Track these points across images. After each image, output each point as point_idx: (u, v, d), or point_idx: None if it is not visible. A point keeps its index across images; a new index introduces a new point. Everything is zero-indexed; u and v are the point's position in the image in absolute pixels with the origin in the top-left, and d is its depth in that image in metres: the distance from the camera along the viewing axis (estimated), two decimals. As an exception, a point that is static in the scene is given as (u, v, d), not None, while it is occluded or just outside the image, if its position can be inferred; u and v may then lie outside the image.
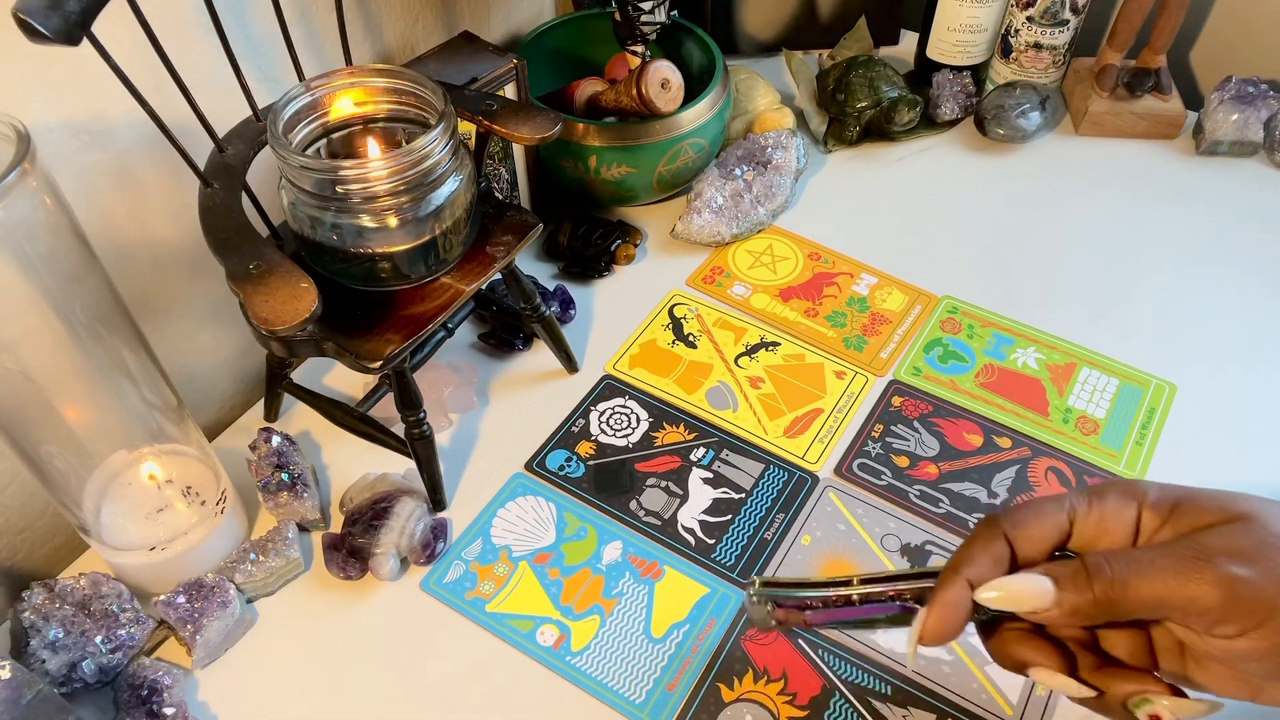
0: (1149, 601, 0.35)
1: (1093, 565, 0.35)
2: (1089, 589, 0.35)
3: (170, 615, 0.49)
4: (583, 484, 0.58)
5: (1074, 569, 0.36)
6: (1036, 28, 0.77)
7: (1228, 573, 0.33)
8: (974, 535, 0.38)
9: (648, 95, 0.66)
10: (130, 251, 0.53)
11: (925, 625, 0.37)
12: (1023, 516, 0.38)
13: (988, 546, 0.37)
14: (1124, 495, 0.38)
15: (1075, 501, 0.38)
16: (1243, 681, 0.36)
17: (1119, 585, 0.35)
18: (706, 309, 0.68)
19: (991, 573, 0.37)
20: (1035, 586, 0.36)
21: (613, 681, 0.49)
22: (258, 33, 0.54)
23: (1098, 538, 0.37)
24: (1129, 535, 0.37)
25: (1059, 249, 0.71)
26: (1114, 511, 0.37)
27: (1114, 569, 0.35)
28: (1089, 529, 0.37)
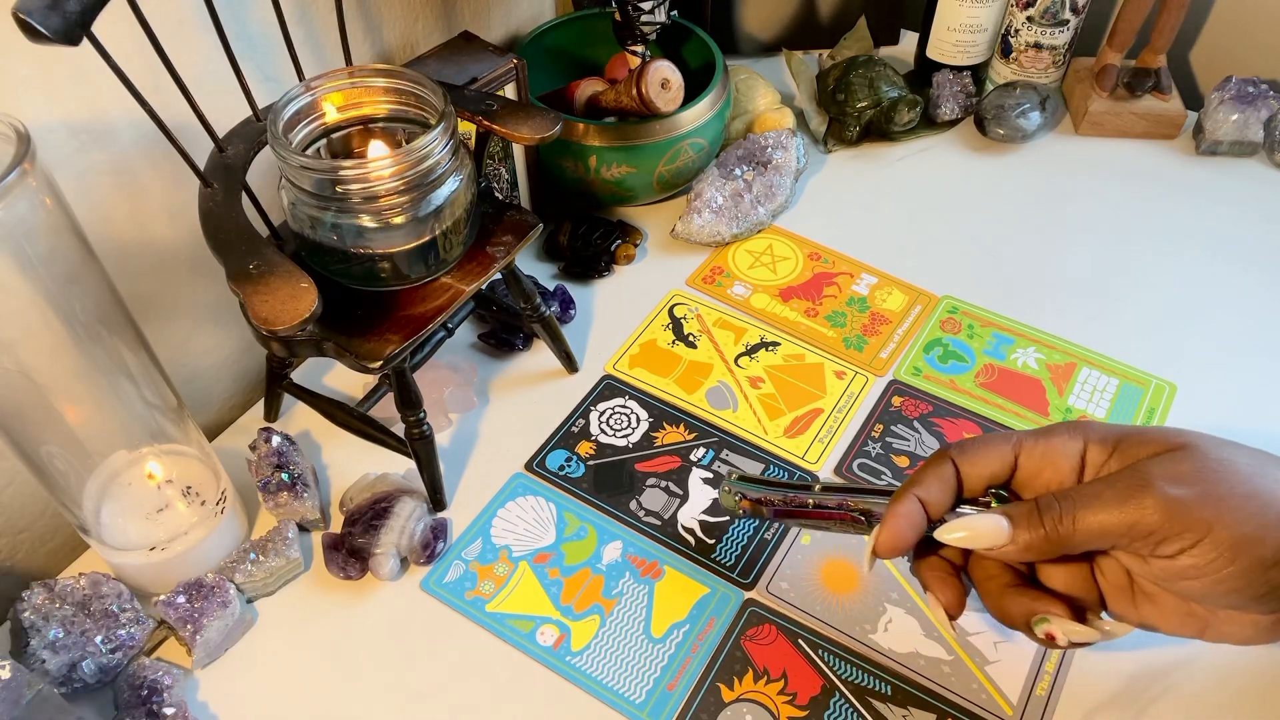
0: (1096, 531, 0.37)
1: (1044, 504, 0.38)
2: (1041, 526, 0.38)
3: (170, 615, 0.49)
4: (583, 484, 0.58)
5: (1027, 508, 0.38)
6: (1036, 28, 0.78)
7: (1168, 494, 0.35)
8: (925, 462, 0.41)
9: (648, 95, 0.66)
10: (130, 251, 0.53)
11: (879, 536, 0.40)
12: (970, 446, 0.41)
13: (937, 470, 0.41)
14: (1070, 432, 0.40)
15: (1022, 437, 0.40)
16: (1189, 615, 0.38)
17: (1068, 520, 0.37)
18: (706, 309, 0.68)
19: (939, 493, 0.40)
20: (992, 525, 0.39)
21: (613, 681, 0.49)
22: (258, 33, 0.54)
23: (1042, 469, 0.40)
24: (1074, 469, 0.40)
25: (1059, 249, 0.71)
26: (1059, 446, 0.40)
27: (1063, 505, 0.38)
28: (1034, 461, 0.40)
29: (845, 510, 0.44)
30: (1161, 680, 0.49)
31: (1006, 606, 0.40)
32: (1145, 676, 0.49)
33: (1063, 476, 0.40)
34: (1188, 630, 0.39)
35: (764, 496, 0.46)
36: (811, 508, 0.45)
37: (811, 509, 0.45)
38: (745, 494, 0.46)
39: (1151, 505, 0.36)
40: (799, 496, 0.45)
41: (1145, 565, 0.38)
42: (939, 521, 0.40)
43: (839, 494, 0.44)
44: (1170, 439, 0.38)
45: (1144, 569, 0.38)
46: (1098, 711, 0.48)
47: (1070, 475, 0.40)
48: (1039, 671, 0.49)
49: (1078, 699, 0.48)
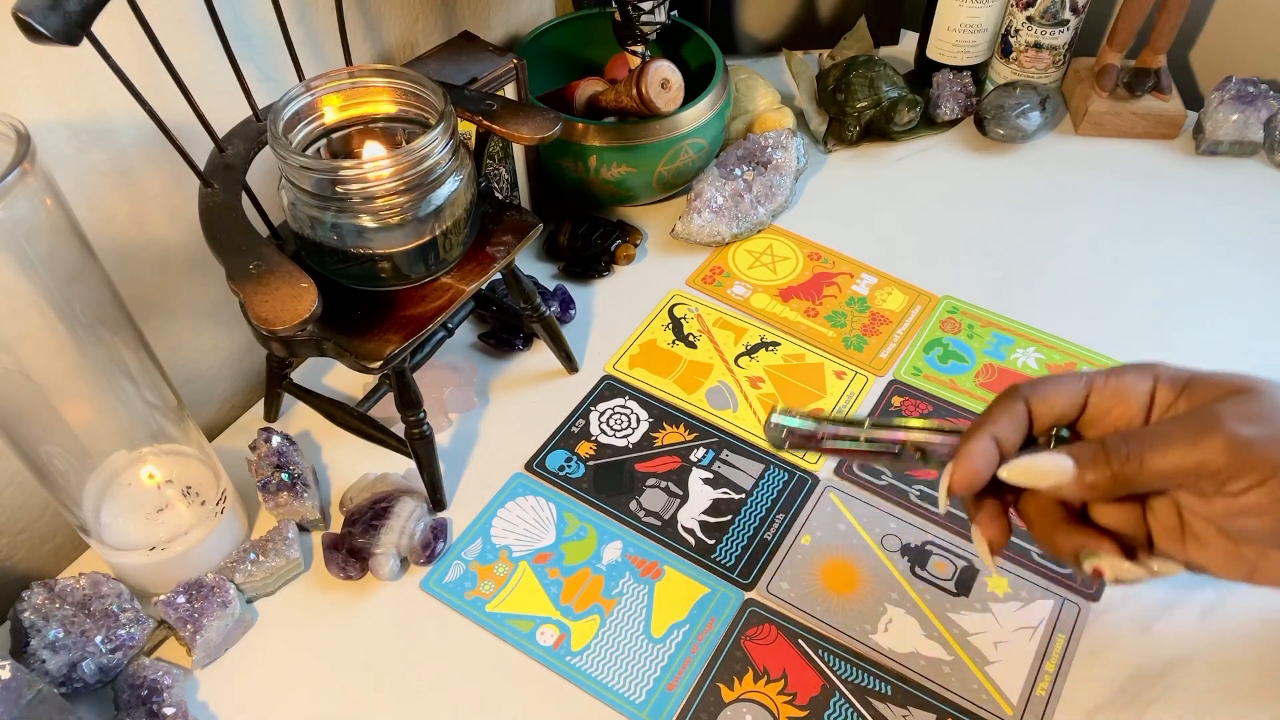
0: (1164, 472, 0.37)
1: (1111, 444, 0.38)
2: (1107, 466, 0.38)
3: (170, 615, 0.49)
4: (583, 484, 0.58)
5: (1094, 448, 0.39)
6: (1036, 28, 0.77)
7: (1236, 433, 0.36)
8: (996, 399, 0.42)
9: (648, 95, 0.66)
10: (130, 251, 0.53)
11: (954, 474, 0.40)
12: (1041, 384, 0.41)
13: (1009, 408, 0.41)
14: (1140, 372, 0.41)
15: (1093, 377, 0.41)
16: (1238, 558, 0.39)
17: (1135, 460, 0.38)
18: (706, 309, 0.68)
19: (1011, 431, 0.41)
20: (1057, 464, 0.39)
21: (613, 681, 0.49)
22: (258, 33, 0.54)
23: (1112, 408, 0.41)
24: (1143, 408, 0.40)
25: (1059, 249, 0.71)
26: (1130, 385, 0.40)
27: (1131, 446, 0.38)
28: (1104, 400, 0.41)
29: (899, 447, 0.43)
30: (1161, 680, 0.49)
31: (1057, 540, 0.41)
32: (1145, 676, 0.49)
33: (1131, 415, 0.40)
34: (1236, 573, 0.40)
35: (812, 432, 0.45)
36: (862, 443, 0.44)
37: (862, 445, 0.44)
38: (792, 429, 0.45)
39: (1220, 445, 0.36)
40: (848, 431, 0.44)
41: (1207, 504, 0.38)
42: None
43: (891, 429, 0.44)
44: (1239, 382, 0.39)
45: (1205, 508, 0.38)
46: (1098, 711, 0.48)
47: (1139, 414, 0.40)
48: (1039, 671, 0.49)
49: (1078, 699, 0.48)
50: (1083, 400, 0.41)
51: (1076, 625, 0.51)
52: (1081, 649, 0.50)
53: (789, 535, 0.55)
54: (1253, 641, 0.50)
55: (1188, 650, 0.50)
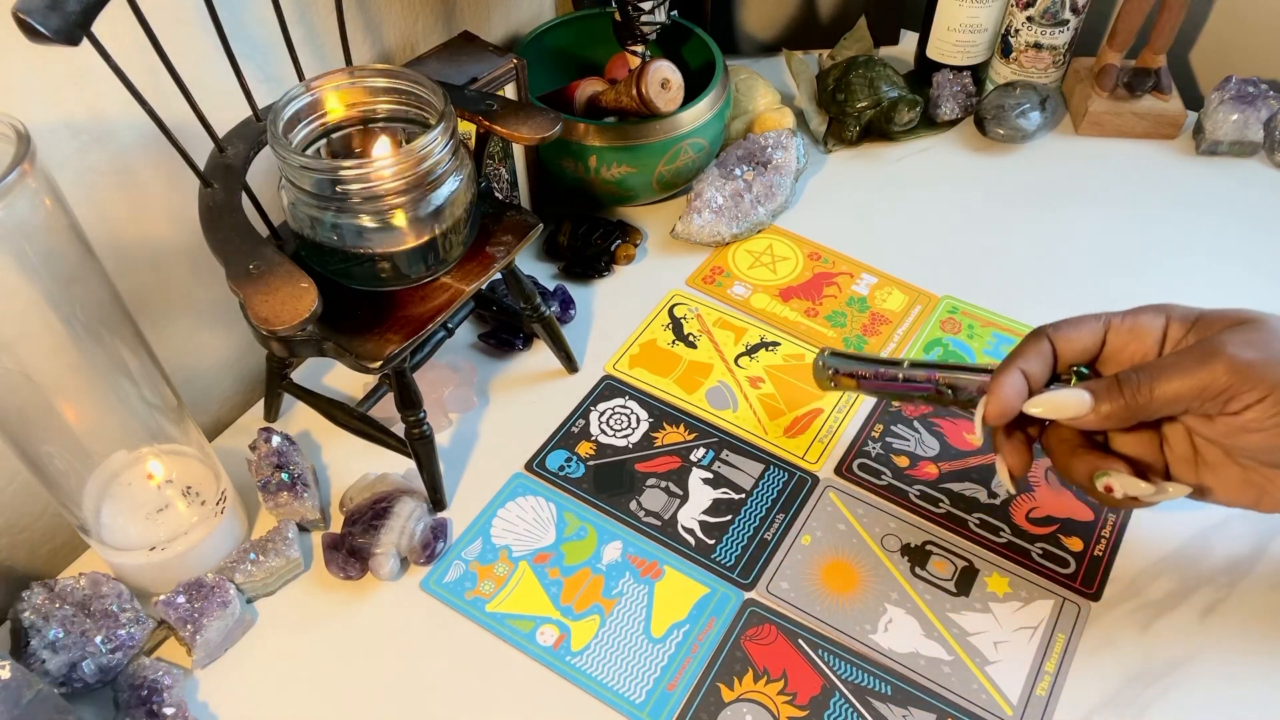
0: (1171, 398, 0.41)
1: (1123, 377, 0.43)
2: (1120, 396, 0.42)
3: (170, 615, 0.49)
4: (583, 484, 0.58)
5: (1108, 382, 0.43)
6: (1036, 28, 0.77)
7: (1237, 357, 0.40)
8: (1024, 339, 0.46)
9: (648, 95, 0.66)
10: (130, 251, 0.53)
11: (988, 406, 0.44)
12: (1064, 324, 0.46)
13: (1035, 346, 0.45)
14: (1154, 311, 0.45)
15: (1111, 316, 0.45)
16: (1247, 484, 0.43)
17: (1145, 389, 0.42)
18: (706, 309, 0.68)
19: (1039, 366, 0.45)
20: (1075, 398, 0.43)
21: (613, 681, 0.49)
22: (258, 33, 0.54)
23: (1128, 344, 0.45)
24: (1156, 343, 0.44)
25: (1059, 249, 0.71)
26: (1145, 323, 0.45)
27: (1141, 377, 0.42)
28: (1121, 337, 0.45)
29: (933, 385, 0.48)
30: (1161, 680, 0.49)
31: (1073, 465, 0.45)
32: (1145, 676, 0.49)
33: (1146, 350, 0.44)
34: (1245, 498, 0.44)
35: (856, 370, 0.50)
36: (901, 380, 0.49)
37: (901, 382, 0.49)
38: (838, 368, 0.50)
39: (1222, 368, 0.40)
40: (889, 370, 0.49)
41: (1211, 424, 0.42)
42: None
43: (927, 369, 0.48)
44: (1242, 315, 0.43)
45: (1210, 428, 0.42)
46: (1098, 711, 0.48)
47: (1153, 349, 0.44)
48: (1039, 671, 0.49)
49: (1078, 699, 0.48)
50: (1101, 338, 0.45)
51: (1076, 625, 0.51)
52: (1081, 649, 0.50)
53: (789, 535, 0.55)
54: (1253, 642, 0.50)
55: (1188, 650, 0.50)
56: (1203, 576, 0.53)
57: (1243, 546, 0.54)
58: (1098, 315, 0.46)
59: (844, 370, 0.50)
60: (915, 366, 0.49)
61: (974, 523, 0.55)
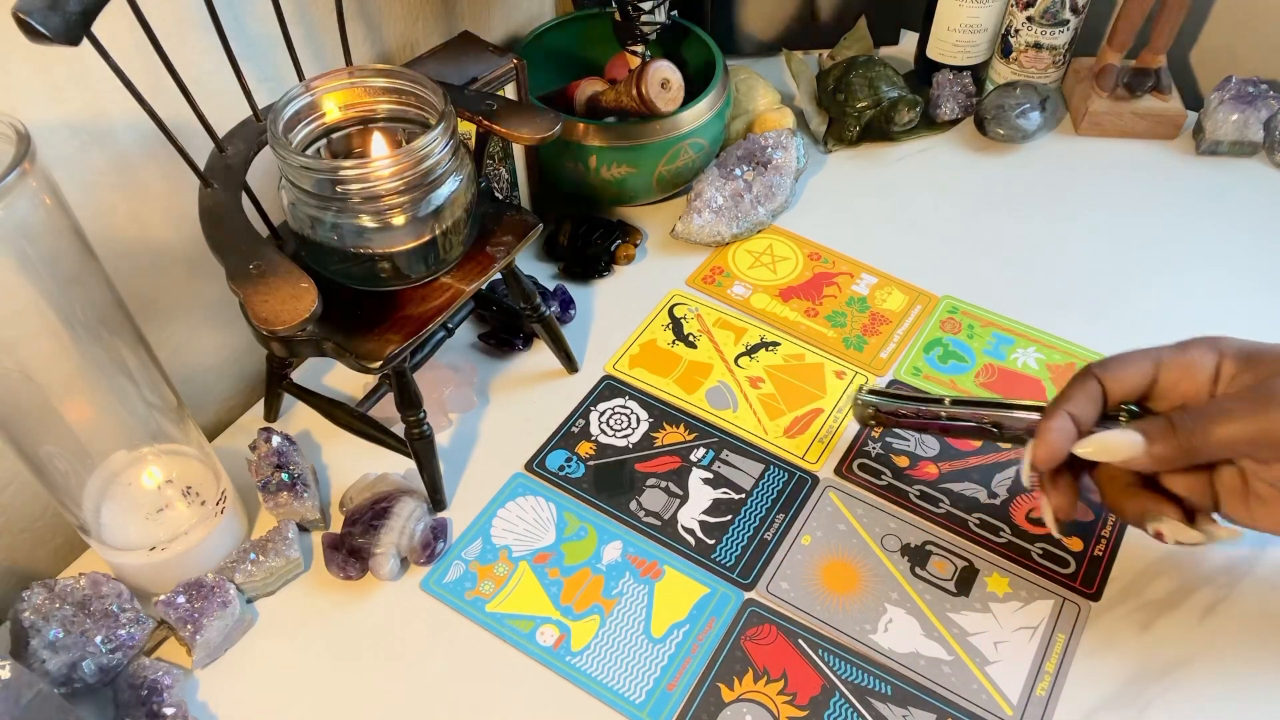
0: (1226, 443, 0.41)
1: (1177, 419, 0.42)
2: (1174, 438, 0.41)
3: (170, 615, 0.49)
4: (583, 484, 0.58)
5: (1162, 424, 0.42)
6: (1036, 28, 0.77)
7: None
8: (1071, 380, 0.45)
9: (648, 95, 0.66)
10: (130, 251, 0.53)
11: (1037, 451, 0.43)
12: (1113, 363, 0.44)
13: (1084, 387, 0.44)
14: (1206, 346, 0.44)
15: (1162, 351, 0.44)
16: None
17: (1200, 433, 0.41)
18: (706, 309, 0.68)
19: (1088, 408, 0.44)
20: (1128, 440, 0.42)
21: (613, 681, 0.49)
22: (257, 33, 0.54)
23: (1180, 382, 0.43)
24: (1209, 381, 0.43)
25: (1059, 249, 0.71)
26: (1197, 360, 0.43)
27: (1195, 420, 0.41)
28: (1173, 373, 0.44)
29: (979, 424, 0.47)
30: (1161, 680, 0.49)
31: (1124, 504, 0.44)
32: (1145, 676, 0.49)
33: (1198, 387, 0.43)
34: None
35: (897, 409, 0.49)
36: (944, 419, 0.48)
37: (944, 421, 0.48)
38: (878, 407, 0.49)
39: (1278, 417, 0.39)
40: (931, 409, 0.48)
41: (1268, 469, 0.41)
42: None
43: (971, 407, 0.47)
44: None
45: (1266, 473, 0.41)
46: (1098, 711, 0.48)
47: (1205, 387, 0.43)
48: (1039, 671, 0.49)
49: (1078, 699, 0.48)
50: (1152, 376, 0.44)
51: (1076, 625, 0.51)
52: (1081, 649, 0.50)
53: (789, 535, 0.55)
54: (1253, 642, 0.50)
55: (1188, 650, 0.50)
56: (1203, 576, 0.53)
57: (1243, 546, 0.54)
58: (1146, 352, 0.44)
59: (885, 409, 0.49)
60: (958, 404, 0.47)
61: (974, 523, 0.55)
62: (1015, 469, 0.58)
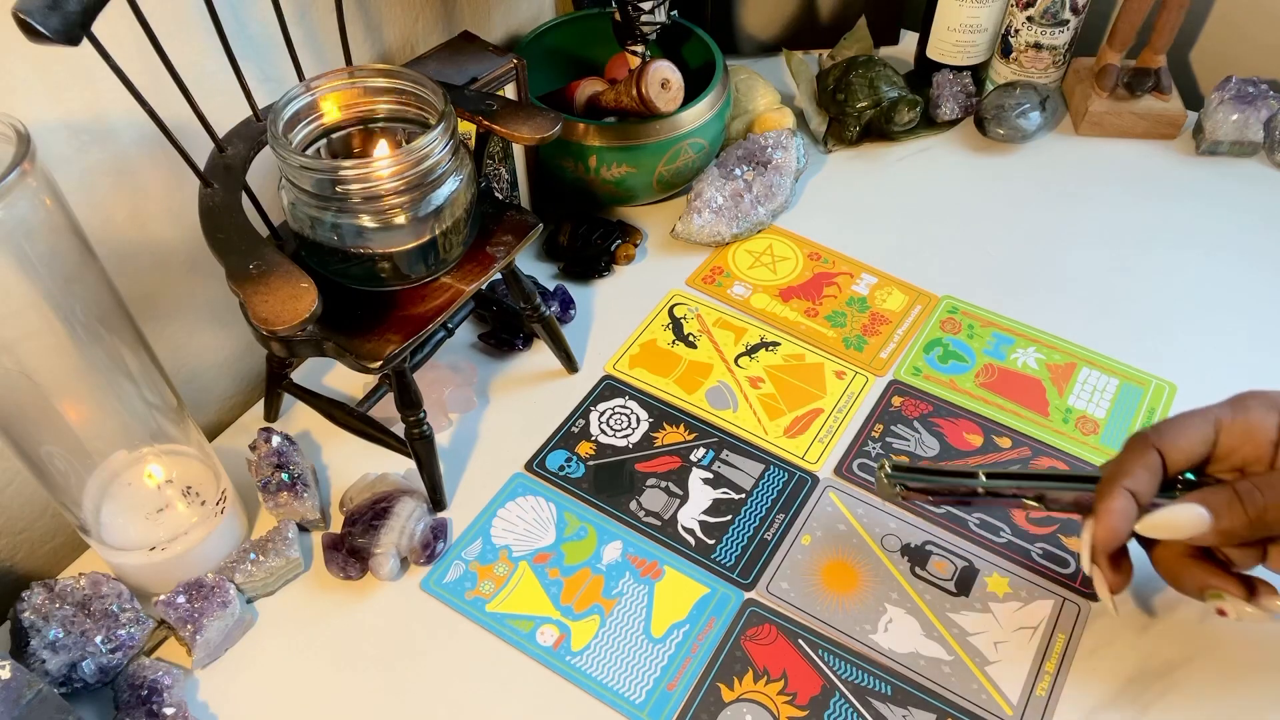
0: None
1: (1244, 492, 0.39)
2: (1243, 514, 0.39)
3: (170, 615, 0.49)
4: (583, 484, 0.58)
5: (1228, 497, 0.39)
6: (1036, 28, 0.77)
7: None
8: (1127, 449, 0.42)
9: (648, 95, 0.66)
10: (130, 251, 0.53)
11: (1096, 533, 0.41)
12: (1170, 429, 0.42)
13: (1142, 458, 0.41)
14: (1266, 406, 0.41)
15: (1219, 412, 0.41)
16: None
17: (1273, 508, 0.38)
18: (706, 309, 0.67)
19: (1147, 483, 0.41)
20: (1194, 517, 0.40)
21: (613, 681, 0.49)
22: (258, 33, 0.54)
23: (1241, 445, 0.41)
24: (1271, 442, 0.41)
25: (1059, 249, 0.71)
26: (1258, 420, 0.41)
27: (1266, 494, 0.39)
28: (1234, 437, 0.42)
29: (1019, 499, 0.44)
30: (1161, 680, 0.49)
31: (1182, 576, 0.42)
32: (1145, 676, 0.49)
33: (1260, 451, 0.41)
34: None
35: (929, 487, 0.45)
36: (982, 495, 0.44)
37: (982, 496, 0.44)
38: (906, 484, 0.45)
39: None
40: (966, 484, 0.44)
41: None
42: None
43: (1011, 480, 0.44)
44: None
45: None
46: (1098, 711, 0.48)
47: (1268, 450, 0.41)
48: (1039, 671, 0.49)
49: (1078, 699, 0.48)
50: (1212, 440, 0.42)
51: (1076, 625, 0.51)
52: (1081, 649, 0.50)
53: (789, 535, 0.55)
54: (1253, 642, 0.50)
55: (1188, 650, 0.50)
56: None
57: (1243, 546, 0.54)
58: (1205, 414, 0.42)
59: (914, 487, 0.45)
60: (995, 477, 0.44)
61: (974, 523, 0.55)
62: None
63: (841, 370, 0.64)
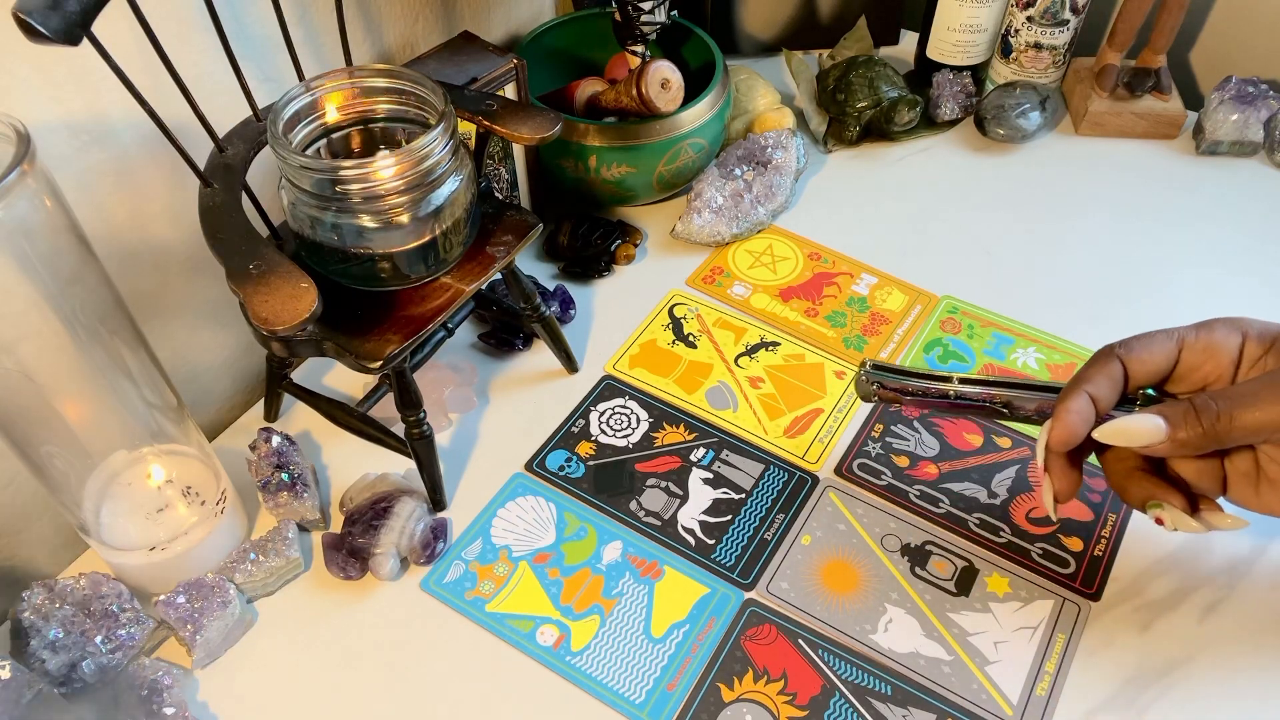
0: (1252, 429, 0.40)
1: (1200, 404, 0.40)
2: (1198, 424, 0.40)
3: (170, 615, 0.49)
4: (583, 484, 0.58)
5: (1184, 409, 0.41)
6: (1036, 28, 0.77)
7: None
8: (1092, 359, 0.44)
9: (648, 95, 0.66)
10: (130, 251, 0.53)
11: (1053, 431, 0.42)
12: (1135, 343, 0.43)
13: (1105, 367, 0.43)
14: (1230, 328, 0.42)
15: (1184, 331, 0.43)
16: None
17: (1225, 418, 0.40)
18: (706, 309, 0.68)
19: (1108, 390, 0.42)
20: (1150, 425, 0.41)
21: (613, 681, 0.49)
22: (258, 33, 0.54)
23: (1203, 363, 0.42)
24: (1232, 363, 0.42)
25: (1059, 249, 0.71)
26: (1221, 339, 0.42)
27: (1220, 405, 0.40)
28: (1195, 356, 0.43)
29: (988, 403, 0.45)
30: (1161, 680, 0.49)
31: (1129, 488, 0.43)
32: (1145, 676, 0.49)
33: (1220, 369, 0.42)
34: None
35: (905, 386, 0.46)
36: (953, 398, 0.46)
37: (953, 399, 0.46)
38: (883, 383, 0.47)
39: None
40: (939, 387, 0.46)
41: None
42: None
43: (982, 386, 0.45)
44: None
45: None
46: (1098, 711, 0.48)
47: (1228, 369, 0.42)
48: (1039, 671, 0.49)
49: (1078, 699, 0.48)
50: (1175, 356, 0.43)
51: (1076, 625, 0.51)
52: (1081, 649, 0.50)
53: (789, 535, 0.55)
54: (1253, 642, 0.50)
55: (1188, 650, 0.50)
56: (1203, 576, 0.53)
57: (1243, 546, 0.54)
58: (1169, 332, 0.43)
59: (891, 385, 0.46)
60: (967, 383, 0.46)
61: (974, 523, 0.55)
62: (1014, 469, 0.58)
63: (842, 370, 0.64)
